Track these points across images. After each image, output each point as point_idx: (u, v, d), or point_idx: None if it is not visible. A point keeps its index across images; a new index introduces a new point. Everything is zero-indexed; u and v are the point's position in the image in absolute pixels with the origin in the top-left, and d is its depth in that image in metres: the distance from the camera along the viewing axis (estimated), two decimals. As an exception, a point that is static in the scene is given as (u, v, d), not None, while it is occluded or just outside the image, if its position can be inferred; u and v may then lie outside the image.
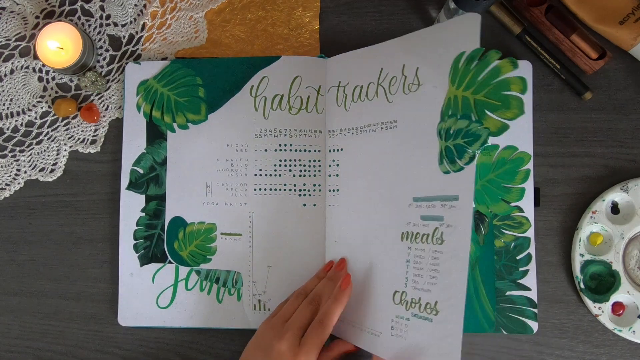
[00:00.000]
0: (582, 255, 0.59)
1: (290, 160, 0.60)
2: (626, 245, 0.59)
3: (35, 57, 0.62)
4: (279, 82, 0.60)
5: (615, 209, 0.60)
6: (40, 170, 0.62)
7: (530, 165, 0.59)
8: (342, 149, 0.59)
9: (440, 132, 0.50)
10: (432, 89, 0.52)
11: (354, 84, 0.58)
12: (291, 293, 0.58)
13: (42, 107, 0.62)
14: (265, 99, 0.60)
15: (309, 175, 0.60)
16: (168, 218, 0.60)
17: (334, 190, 0.59)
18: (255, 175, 0.60)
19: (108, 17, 0.63)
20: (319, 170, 0.60)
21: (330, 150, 0.60)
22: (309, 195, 0.60)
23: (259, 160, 0.60)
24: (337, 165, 0.59)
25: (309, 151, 0.60)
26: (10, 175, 0.62)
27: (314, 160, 0.60)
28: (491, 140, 0.59)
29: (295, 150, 0.60)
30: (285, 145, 0.60)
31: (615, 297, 0.58)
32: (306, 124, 0.60)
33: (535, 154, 0.60)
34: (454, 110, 0.49)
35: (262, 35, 0.62)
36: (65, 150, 0.62)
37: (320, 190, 0.60)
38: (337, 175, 0.59)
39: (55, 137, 0.62)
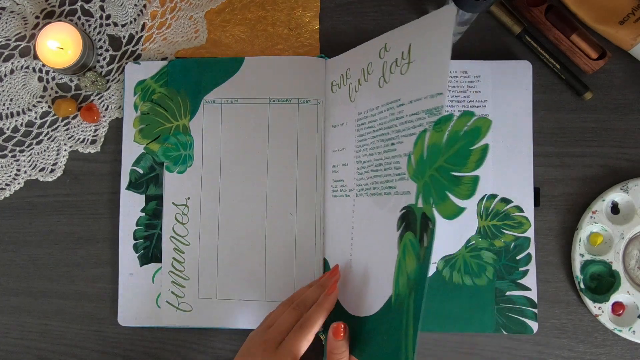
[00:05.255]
0: (582, 255, 0.59)
1: None
2: (626, 245, 0.59)
3: (35, 57, 0.62)
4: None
5: (615, 209, 0.60)
6: (40, 170, 0.62)
7: (489, 139, 0.43)
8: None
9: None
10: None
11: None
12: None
13: (42, 107, 0.62)
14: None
15: None
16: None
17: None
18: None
19: (108, 17, 0.63)
20: None
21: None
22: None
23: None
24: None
25: None
26: (10, 175, 0.62)
27: None
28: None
29: None
30: None
31: (615, 297, 0.58)
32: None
33: (535, 154, 0.59)
34: None
35: (262, 35, 0.62)
36: (65, 150, 0.62)
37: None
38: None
39: (55, 137, 0.62)
